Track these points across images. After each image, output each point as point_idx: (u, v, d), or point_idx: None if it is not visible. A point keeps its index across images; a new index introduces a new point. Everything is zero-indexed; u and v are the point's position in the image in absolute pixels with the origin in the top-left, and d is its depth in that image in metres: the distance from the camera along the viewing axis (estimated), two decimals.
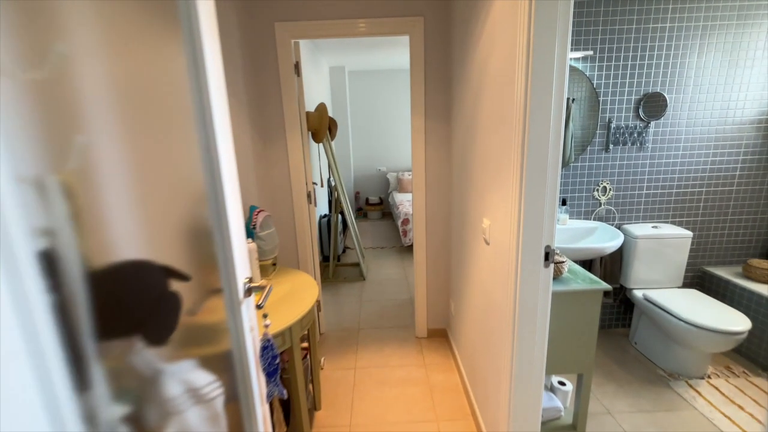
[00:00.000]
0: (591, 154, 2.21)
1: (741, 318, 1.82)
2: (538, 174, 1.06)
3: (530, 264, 1.12)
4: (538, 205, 1.08)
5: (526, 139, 1.05)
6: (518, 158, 1.08)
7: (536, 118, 1.02)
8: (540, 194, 1.07)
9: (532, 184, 1.06)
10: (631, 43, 2.05)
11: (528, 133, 1.04)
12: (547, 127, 1.03)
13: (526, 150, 1.05)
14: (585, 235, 2.18)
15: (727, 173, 2.23)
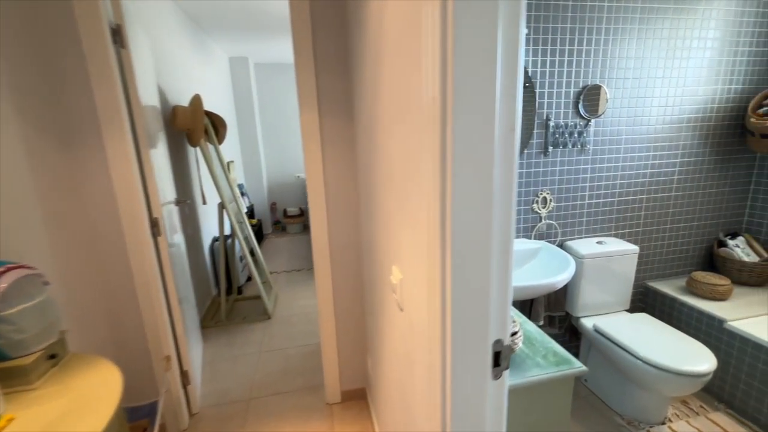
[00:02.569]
0: (528, 159, 1.81)
1: (703, 352, 1.53)
2: (475, 198, 0.52)
3: (467, 373, 0.59)
4: (477, 261, 0.54)
5: (448, 141, 0.50)
6: (433, 174, 0.54)
7: (465, 101, 0.48)
8: (480, 237, 0.54)
9: (463, 216, 0.52)
10: (568, 23, 1.69)
11: (451, 130, 0.49)
12: (488, 117, 0.49)
13: (449, 157, 0.50)
14: (528, 259, 1.76)
15: (666, 177, 2.00)
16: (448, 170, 0.51)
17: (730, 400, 1.74)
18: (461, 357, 0.57)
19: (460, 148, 0.49)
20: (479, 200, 0.51)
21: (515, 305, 1.95)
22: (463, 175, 0.50)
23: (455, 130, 0.49)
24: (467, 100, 0.48)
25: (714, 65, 1.90)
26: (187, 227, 2.26)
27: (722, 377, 1.76)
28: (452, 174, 0.50)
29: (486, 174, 0.51)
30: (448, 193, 0.51)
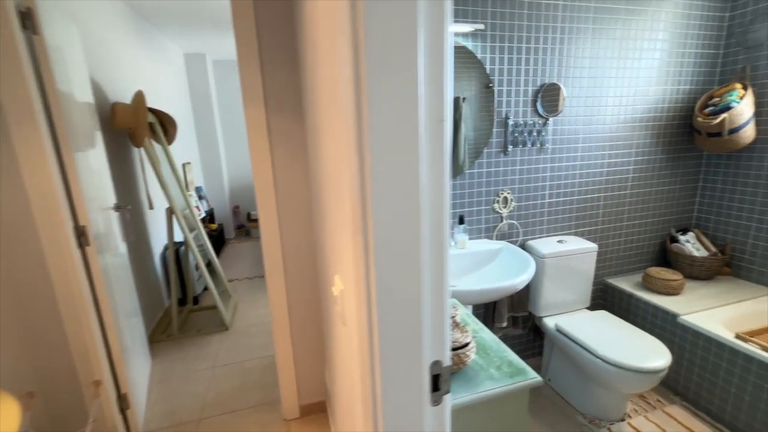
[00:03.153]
0: (488, 158, 1.78)
1: (659, 347, 1.55)
2: (398, 197, 0.44)
3: (399, 400, 0.51)
4: (405, 271, 0.47)
5: (364, 133, 0.42)
6: (351, 170, 0.46)
7: (381, 88, 0.41)
8: (407, 243, 0.46)
9: (386, 218, 0.45)
10: (525, 21, 1.67)
11: (366, 121, 0.41)
12: (410, 106, 0.42)
13: (366, 152, 0.43)
14: (488, 260, 1.73)
15: (622, 176, 2.03)
16: (367, 166, 0.43)
17: (685, 392, 1.78)
18: (392, 383, 0.50)
19: (377, 142, 0.42)
20: (403, 199, 0.44)
21: (478, 308, 1.91)
22: (382, 172, 0.43)
23: (371, 121, 0.41)
24: (383, 88, 0.41)
25: (663, 66, 1.95)
26: (131, 234, 2.08)
27: (677, 370, 1.80)
28: (371, 171, 0.42)
29: (410, 169, 0.43)
30: (367, 192, 0.43)
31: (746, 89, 1.84)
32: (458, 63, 1.62)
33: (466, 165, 1.74)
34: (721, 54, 2.02)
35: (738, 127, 1.80)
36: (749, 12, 1.89)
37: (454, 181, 1.74)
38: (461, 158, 1.72)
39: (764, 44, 1.84)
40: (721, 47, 2.01)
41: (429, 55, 0.42)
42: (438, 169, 0.46)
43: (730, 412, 1.59)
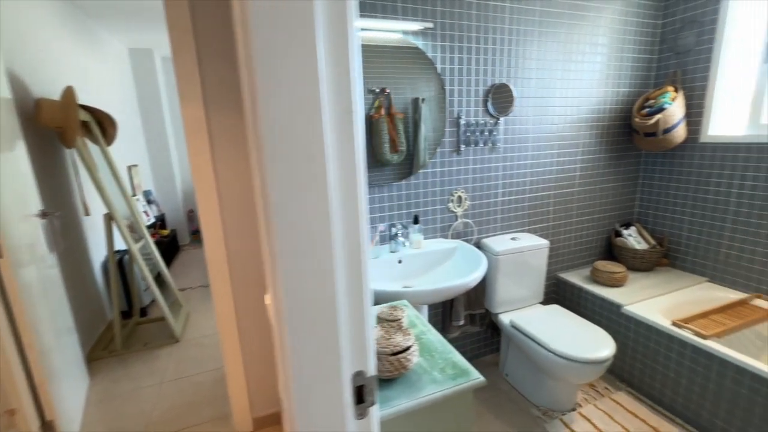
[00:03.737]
0: (442, 158, 1.78)
1: (604, 338, 1.61)
2: (300, 192, 0.41)
3: (317, 416, 0.47)
4: (315, 275, 0.43)
5: (259, 124, 0.38)
6: (255, 165, 0.42)
7: (271, 74, 0.37)
8: (316, 245, 0.43)
9: (289, 217, 0.41)
10: (473, 21, 1.69)
11: (259, 111, 0.37)
12: (309, 94, 0.38)
13: (264, 145, 0.38)
14: (444, 259, 1.73)
15: (570, 174, 2.11)
16: (265, 160, 0.39)
17: (630, 379, 1.88)
18: (308, 397, 0.46)
19: (272, 135, 0.38)
20: (307, 194, 0.40)
21: (436, 307, 1.91)
22: (280, 165, 0.39)
23: (261, 111, 0.37)
24: (275, 71, 0.37)
25: (605, 69, 2.05)
26: (59, 243, 1.89)
27: (622, 359, 1.89)
28: (267, 165, 0.38)
29: (313, 162, 0.40)
30: (267, 186, 0.39)
31: (677, 92, 1.97)
32: (412, 63, 1.61)
33: (428, 164, 1.75)
34: (655, 58, 2.15)
35: (671, 127, 1.92)
36: (678, 20, 2.02)
37: (408, 181, 1.73)
38: (422, 157, 1.72)
39: (692, 50, 1.98)
40: (655, 52, 2.14)
41: (331, 38, 0.39)
42: (349, 163, 0.42)
43: (669, 396, 1.69)
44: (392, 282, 1.63)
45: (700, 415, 1.57)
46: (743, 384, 1.40)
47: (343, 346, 0.46)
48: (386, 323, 0.88)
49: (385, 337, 0.82)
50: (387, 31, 1.52)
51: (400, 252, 1.67)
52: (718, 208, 1.94)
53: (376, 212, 1.70)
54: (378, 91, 1.59)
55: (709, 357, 1.49)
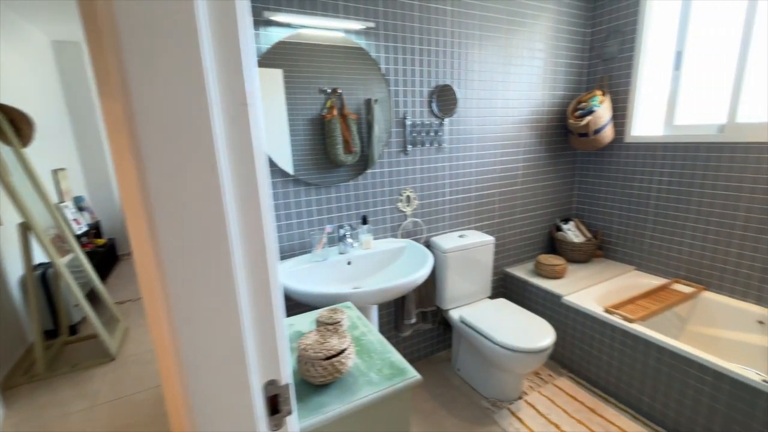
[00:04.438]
0: (389, 158, 1.79)
1: (545, 327, 1.70)
2: (188, 189, 0.38)
3: (227, 429, 0.44)
4: (211, 280, 0.40)
5: (135, 117, 0.35)
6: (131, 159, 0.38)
7: (144, 61, 0.33)
8: (210, 254, 0.40)
9: (173, 222, 0.38)
10: (416, 22, 1.71)
11: (135, 103, 0.34)
12: (193, 83, 0.35)
13: (140, 139, 0.35)
14: (393, 259, 1.73)
15: (513, 173, 2.21)
16: (141, 155, 0.35)
17: (570, 365, 1.99)
18: (211, 414, 0.42)
19: (148, 128, 0.34)
20: (194, 191, 0.37)
21: (388, 307, 1.92)
22: (159, 160, 0.36)
23: (137, 104, 0.34)
24: (148, 60, 0.33)
25: (542, 73, 2.16)
26: None
27: (563, 346, 2.00)
28: (143, 160, 0.35)
29: (201, 156, 0.37)
30: (146, 181, 0.36)
31: (605, 95, 2.13)
32: (359, 63, 1.60)
33: (376, 164, 1.75)
34: (585, 64, 2.31)
35: (600, 127, 2.07)
36: (604, 29, 2.19)
37: (356, 181, 1.72)
38: (376, 158, 1.72)
39: (616, 57, 2.15)
40: (585, 58, 2.30)
41: (216, 25, 0.36)
42: (247, 157, 0.40)
43: (603, 377, 1.81)
44: (342, 284, 1.61)
45: (630, 393, 1.70)
46: (663, 361, 1.54)
47: (251, 355, 0.43)
48: (323, 327, 0.85)
49: (320, 341, 0.80)
50: (328, 29, 1.49)
51: (350, 253, 1.65)
52: (642, 202, 2.12)
53: (324, 214, 1.67)
54: (329, 91, 1.57)
55: (635, 339, 1.62)
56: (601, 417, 1.67)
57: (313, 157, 1.60)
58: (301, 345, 0.78)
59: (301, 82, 1.51)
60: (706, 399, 1.42)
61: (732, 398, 1.34)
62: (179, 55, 0.34)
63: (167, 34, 0.34)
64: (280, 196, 1.55)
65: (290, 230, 1.60)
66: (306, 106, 1.55)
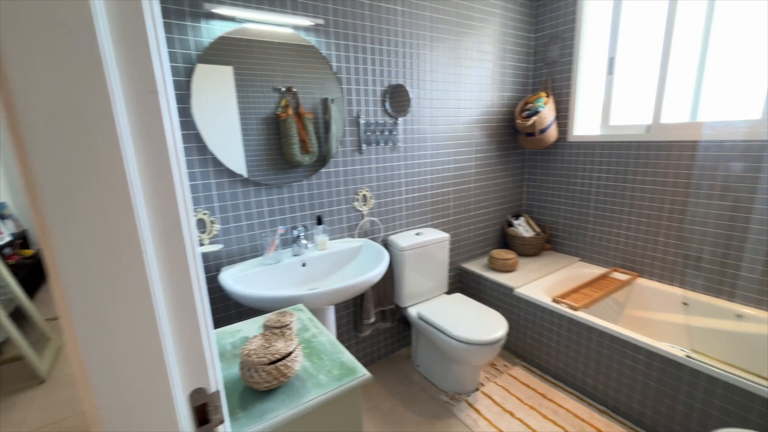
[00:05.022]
0: (344, 156, 1.77)
1: (498, 319, 1.76)
2: (85, 185, 0.35)
3: None
4: (123, 288, 0.37)
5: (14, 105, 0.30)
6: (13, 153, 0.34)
7: (29, 46, 0.30)
8: (118, 256, 0.37)
9: (69, 221, 0.34)
10: (366, 21, 1.71)
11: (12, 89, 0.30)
12: (90, 70, 0.32)
13: (22, 130, 0.31)
14: (350, 258, 1.72)
15: (466, 171, 2.27)
16: (27, 151, 0.31)
17: (523, 354, 2.08)
18: (127, 430, 0.39)
19: (32, 120, 0.31)
20: (97, 186, 0.34)
21: (347, 308, 1.90)
22: (47, 156, 0.32)
23: (18, 94, 0.30)
24: (29, 44, 0.30)
25: (491, 75, 2.25)
26: None
27: (517, 336, 2.09)
28: (30, 156, 0.31)
29: (101, 151, 0.33)
30: (34, 183, 0.32)
31: (549, 97, 2.25)
32: (311, 61, 1.57)
33: (331, 164, 1.72)
34: (531, 67, 2.44)
35: (545, 127, 2.19)
36: (547, 35, 2.32)
37: (310, 181, 1.68)
38: (333, 149, 1.70)
39: (558, 61, 2.28)
40: (531, 62, 2.42)
41: (115, 6, 0.33)
42: (159, 149, 0.37)
43: (553, 364, 1.92)
44: (296, 287, 1.56)
45: (576, 376, 1.81)
46: (604, 345, 1.65)
47: (172, 363, 0.40)
48: (270, 331, 0.82)
49: (265, 345, 0.77)
50: (275, 24, 1.45)
51: (304, 255, 1.61)
52: (584, 197, 2.27)
53: (276, 215, 1.62)
54: (284, 89, 1.53)
55: (579, 326, 1.73)
56: (551, 401, 1.76)
57: (268, 158, 1.55)
58: (245, 351, 0.74)
59: (254, 80, 1.46)
60: (641, 376, 1.54)
61: (662, 374, 1.47)
62: (67, 36, 0.31)
63: (51, 13, 0.30)
64: (228, 197, 1.48)
65: (240, 233, 1.53)
66: (259, 105, 1.50)
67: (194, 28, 1.31)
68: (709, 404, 1.35)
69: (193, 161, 1.38)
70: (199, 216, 1.42)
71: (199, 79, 1.33)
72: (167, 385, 0.40)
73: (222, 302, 1.54)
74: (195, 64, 1.32)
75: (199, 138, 1.37)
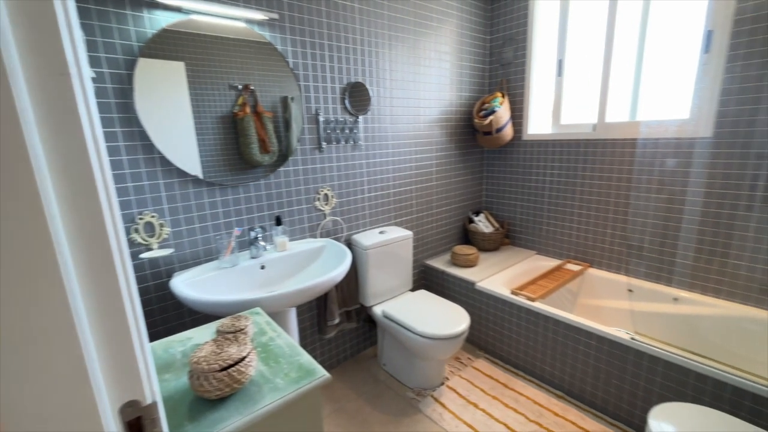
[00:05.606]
0: (303, 155, 1.73)
1: (461, 313, 1.80)
2: None
3: None
4: (37, 292, 0.33)
5: None
6: None
7: None
8: (22, 259, 0.32)
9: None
10: (323, 17, 1.68)
11: None
12: None
13: None
14: (313, 259, 1.68)
15: (428, 169, 2.31)
16: None
17: (486, 346, 2.15)
18: None
19: None
20: None
21: (310, 309, 1.86)
22: None
23: None
24: None
25: (449, 75, 2.29)
26: None
27: (479, 329, 2.15)
28: None
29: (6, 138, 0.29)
30: None
31: (504, 97, 2.34)
32: (267, 58, 1.52)
33: (290, 163, 1.68)
34: (487, 68, 2.52)
35: (501, 126, 2.27)
36: (501, 37, 2.40)
37: (267, 181, 1.63)
38: (293, 145, 1.66)
39: (512, 63, 2.37)
40: (487, 63, 2.50)
41: None
42: (75, 138, 0.33)
43: (513, 354, 1.99)
44: (256, 290, 1.51)
45: (534, 365, 1.89)
46: (559, 332, 1.73)
47: (96, 375, 0.37)
48: (222, 336, 0.78)
49: (216, 351, 0.73)
50: (226, 17, 1.39)
51: (263, 257, 1.55)
52: (539, 193, 2.38)
53: (232, 216, 1.55)
54: (240, 87, 1.47)
55: (537, 315, 1.81)
56: (512, 390, 1.83)
57: (225, 158, 1.49)
58: (193, 358, 0.70)
59: (208, 78, 1.40)
60: (592, 360, 1.64)
61: (610, 356, 1.57)
62: None
63: None
64: (179, 198, 1.40)
65: (193, 236, 1.45)
66: (215, 104, 1.43)
67: (135, 17, 1.22)
68: (652, 382, 1.46)
69: (139, 160, 1.29)
70: (147, 219, 1.33)
71: (146, 74, 1.25)
72: (91, 399, 0.36)
73: (175, 309, 1.46)
74: (137, 57, 1.23)
75: (144, 135, 1.28)
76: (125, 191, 1.28)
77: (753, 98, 1.56)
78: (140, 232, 1.32)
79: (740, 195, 1.64)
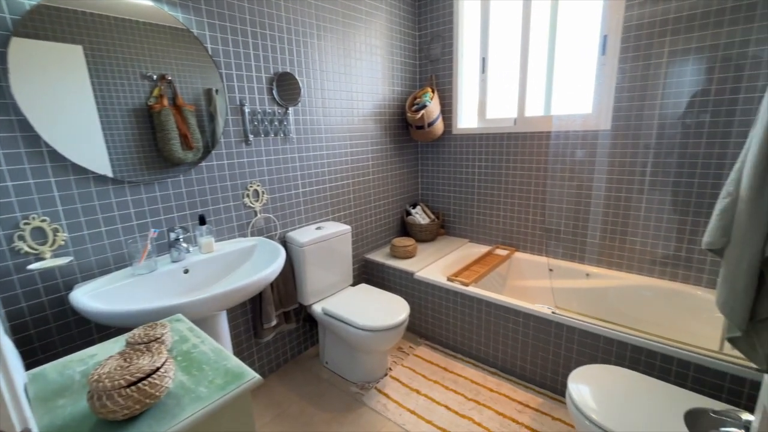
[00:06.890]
0: (228, 148, 1.61)
1: (400, 303, 1.83)
2: None
3: None
4: None
5: None
6: None
7: None
8: None
9: None
10: (245, 3, 1.58)
11: None
12: None
13: None
14: (244, 259, 1.58)
15: (364, 163, 2.30)
16: None
17: (426, 333, 2.21)
18: None
19: None
20: None
21: (242, 314, 1.75)
22: None
23: None
24: None
25: (381, 69, 2.30)
26: None
27: (418, 317, 2.20)
28: None
29: None
30: None
31: (434, 92, 2.41)
32: (186, 46, 1.39)
33: (224, 156, 1.55)
34: (417, 64, 2.57)
35: (432, 120, 2.34)
36: (429, 33, 2.47)
37: (188, 177, 1.49)
38: (214, 149, 1.52)
39: (440, 59, 2.46)
40: (416, 58, 2.56)
41: None
42: None
43: (452, 338, 2.08)
44: (179, 297, 1.36)
45: (471, 346, 1.99)
46: (491, 313, 1.85)
47: None
48: (132, 348, 0.69)
49: (123, 365, 0.64)
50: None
51: (186, 260, 1.42)
52: (469, 184, 2.50)
53: (147, 217, 1.39)
54: (155, 77, 1.32)
55: (471, 299, 1.90)
56: (451, 373, 1.91)
57: (143, 154, 1.33)
58: (93, 376, 0.60)
59: (115, 65, 1.24)
60: (520, 336, 1.77)
61: (536, 331, 1.71)
62: None
63: None
64: (78, 198, 1.22)
65: (98, 240, 1.28)
66: (125, 94, 1.28)
67: None
68: (570, 350, 1.62)
69: (20, 155, 1.10)
70: (35, 224, 1.14)
71: (28, 54, 1.06)
72: None
73: (80, 326, 1.27)
74: (10, 33, 1.04)
75: (26, 126, 1.09)
76: (3, 191, 1.08)
77: (639, 95, 1.79)
78: (26, 239, 1.12)
79: (633, 180, 1.89)
